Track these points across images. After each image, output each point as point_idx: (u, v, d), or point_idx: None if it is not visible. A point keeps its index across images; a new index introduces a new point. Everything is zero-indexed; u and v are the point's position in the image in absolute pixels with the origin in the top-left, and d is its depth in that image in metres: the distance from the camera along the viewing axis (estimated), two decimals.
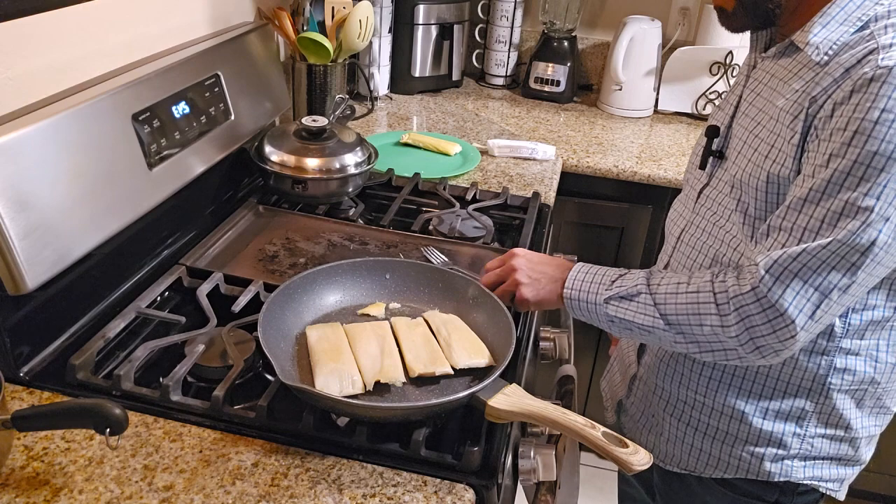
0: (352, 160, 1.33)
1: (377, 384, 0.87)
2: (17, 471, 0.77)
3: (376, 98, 2.07)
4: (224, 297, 1.07)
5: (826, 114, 0.82)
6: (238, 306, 1.03)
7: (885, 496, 2.11)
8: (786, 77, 0.91)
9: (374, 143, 1.48)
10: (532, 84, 2.18)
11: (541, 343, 1.20)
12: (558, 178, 1.68)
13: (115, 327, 0.97)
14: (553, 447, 0.94)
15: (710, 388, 1.01)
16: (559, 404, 0.85)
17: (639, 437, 1.15)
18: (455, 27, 2.12)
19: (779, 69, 0.93)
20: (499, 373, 0.86)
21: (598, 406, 1.70)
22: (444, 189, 1.47)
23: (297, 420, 0.84)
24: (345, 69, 1.66)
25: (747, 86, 0.98)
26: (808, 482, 1.01)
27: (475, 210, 1.39)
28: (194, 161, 1.18)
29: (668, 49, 2.12)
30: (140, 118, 1.05)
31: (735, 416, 1.00)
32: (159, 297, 1.07)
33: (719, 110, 1.06)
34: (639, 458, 0.76)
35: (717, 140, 1.01)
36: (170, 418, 0.85)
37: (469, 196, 1.45)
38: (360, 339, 0.93)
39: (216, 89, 1.25)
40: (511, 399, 0.83)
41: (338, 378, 0.86)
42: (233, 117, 1.30)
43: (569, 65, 2.14)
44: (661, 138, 1.95)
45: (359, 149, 1.36)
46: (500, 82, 2.30)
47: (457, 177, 1.58)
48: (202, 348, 0.94)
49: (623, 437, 0.77)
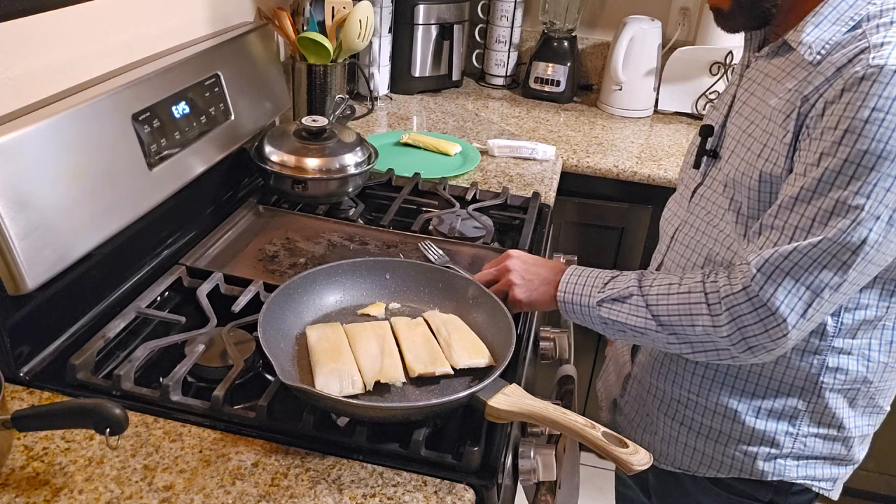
0: (352, 160, 1.33)
1: (377, 384, 0.87)
2: (17, 471, 0.77)
3: (376, 98, 2.07)
4: (224, 297, 1.07)
5: (817, 112, 0.82)
6: (238, 306, 1.03)
7: (884, 496, 2.11)
8: (779, 76, 0.91)
9: (374, 143, 1.48)
10: (532, 84, 2.18)
11: (541, 343, 1.20)
12: (558, 178, 1.68)
13: (115, 327, 0.97)
14: (553, 447, 0.94)
15: (704, 386, 1.01)
16: (559, 404, 0.85)
17: (633, 436, 1.15)
18: (455, 27, 2.12)
19: (772, 68, 0.93)
20: (499, 373, 0.86)
21: (598, 406, 1.70)
22: (444, 189, 1.47)
23: (297, 420, 0.84)
24: (345, 69, 1.66)
25: (741, 85, 0.99)
26: (802, 481, 1.01)
27: (475, 210, 1.39)
28: (194, 161, 1.18)
29: (668, 49, 2.12)
30: (140, 118, 1.05)
31: (728, 414, 1.00)
32: (159, 297, 1.07)
33: (714, 110, 1.06)
34: (639, 458, 0.76)
35: (710, 139, 1.02)
36: (170, 418, 0.85)
37: (469, 196, 1.45)
38: (360, 339, 0.93)
39: (216, 89, 1.25)
40: (511, 399, 0.83)
41: (338, 378, 0.86)
42: (233, 117, 1.30)
43: (569, 65, 2.14)
44: (661, 138, 1.96)
45: (359, 149, 1.36)
46: (500, 82, 2.30)
47: (457, 177, 1.58)
48: (202, 348, 0.94)
49: (623, 438, 0.77)
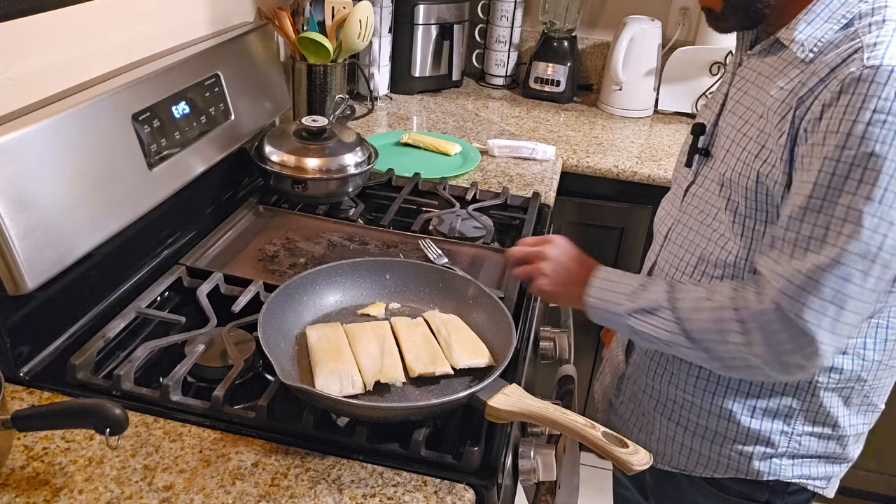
0: (352, 160, 1.33)
1: (377, 384, 0.87)
2: (17, 471, 0.77)
3: (376, 98, 2.07)
4: (224, 297, 1.07)
5: (814, 116, 0.81)
6: (238, 306, 1.03)
7: (883, 496, 2.11)
8: (772, 75, 0.91)
9: (374, 143, 1.48)
10: (532, 84, 2.18)
11: (541, 343, 1.20)
12: (558, 178, 1.68)
13: (115, 327, 0.97)
14: (553, 447, 0.94)
15: (699, 386, 1.01)
16: (559, 404, 0.85)
17: (629, 436, 1.14)
18: (455, 27, 2.12)
19: (765, 67, 0.93)
20: (499, 373, 0.86)
21: (595, 407, 1.69)
22: (444, 189, 1.47)
23: (297, 420, 0.84)
24: (345, 69, 1.66)
25: (734, 84, 0.99)
26: (797, 481, 1.01)
27: (475, 210, 1.39)
28: (194, 161, 1.18)
29: (668, 49, 2.12)
30: (140, 118, 1.05)
31: (723, 414, 1.00)
32: (159, 297, 1.07)
33: (706, 108, 1.07)
34: (639, 458, 0.76)
35: (702, 138, 1.02)
36: (170, 418, 0.85)
37: (469, 196, 1.45)
38: (360, 339, 0.93)
39: (216, 89, 1.25)
40: (511, 399, 0.83)
41: (338, 378, 0.86)
42: (233, 117, 1.30)
43: (569, 65, 2.14)
44: (661, 138, 1.95)
45: (359, 149, 1.36)
46: (500, 82, 2.30)
47: (457, 177, 1.58)
48: (202, 348, 0.94)
49: (623, 438, 0.77)
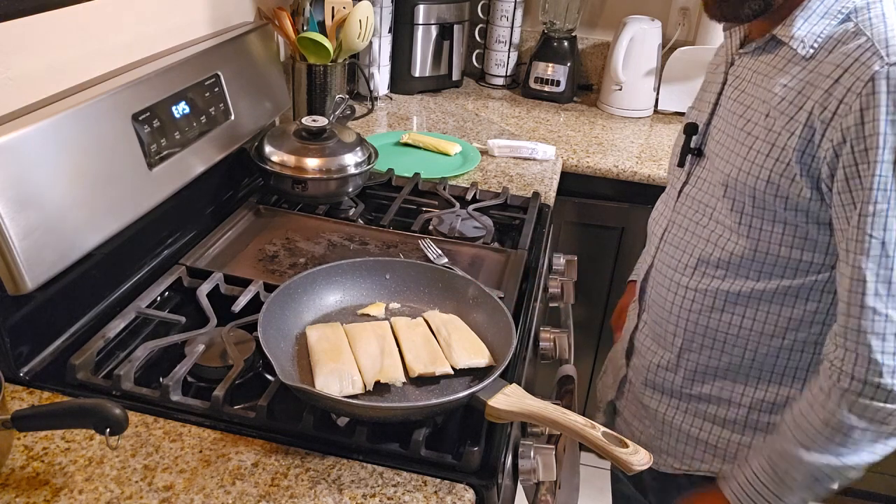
0: (352, 160, 1.33)
1: (377, 384, 0.87)
2: (17, 471, 0.77)
3: (376, 98, 2.07)
4: (224, 297, 1.07)
5: (854, 122, 0.80)
6: (238, 306, 1.03)
7: (884, 496, 2.11)
8: (770, 73, 0.91)
9: (374, 143, 1.48)
10: (532, 84, 2.18)
11: (541, 343, 1.20)
12: (558, 178, 1.68)
13: (115, 327, 0.97)
14: (553, 447, 0.94)
15: (697, 382, 1.02)
16: (559, 404, 0.85)
17: (631, 438, 1.15)
18: (455, 27, 2.12)
19: (761, 65, 0.93)
20: (499, 373, 0.86)
21: (598, 406, 1.68)
22: (444, 189, 1.47)
23: (297, 420, 0.84)
24: (345, 69, 1.66)
25: (729, 83, 0.99)
26: None
27: (475, 210, 1.39)
28: (194, 161, 1.18)
29: (668, 49, 2.12)
30: (140, 118, 1.05)
31: (728, 410, 1.01)
32: (159, 297, 1.07)
33: (693, 109, 1.07)
34: (639, 458, 0.76)
35: (695, 137, 1.02)
36: (170, 418, 0.85)
37: (469, 196, 1.45)
38: (360, 339, 0.93)
39: (216, 89, 1.25)
40: (511, 399, 0.83)
41: (338, 378, 0.86)
42: (233, 117, 1.30)
43: (569, 65, 2.14)
44: (661, 138, 1.95)
45: (359, 149, 1.36)
46: (500, 82, 2.30)
47: (457, 177, 1.58)
48: (202, 348, 0.94)
49: (623, 438, 0.77)
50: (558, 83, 2.15)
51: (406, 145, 1.73)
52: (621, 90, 2.08)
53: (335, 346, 0.90)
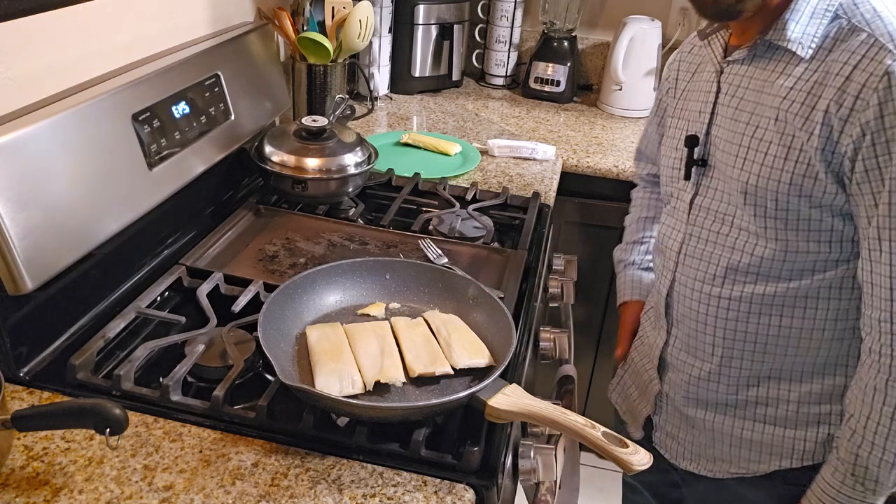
0: (352, 160, 1.33)
1: (377, 384, 0.87)
2: (17, 471, 0.77)
3: (376, 98, 2.07)
4: (224, 297, 1.07)
5: (873, 116, 0.82)
6: (238, 306, 1.03)
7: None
8: (771, 77, 0.92)
9: (374, 143, 1.48)
10: (532, 84, 2.18)
11: (541, 343, 1.20)
12: (558, 178, 1.68)
13: (115, 327, 0.97)
14: (553, 447, 0.94)
15: (749, 384, 1.02)
16: (559, 404, 0.85)
17: (680, 453, 1.15)
18: (455, 27, 2.12)
19: (757, 71, 0.94)
20: (499, 373, 0.86)
21: (598, 406, 1.69)
22: (444, 189, 1.47)
23: (297, 420, 0.84)
24: (345, 69, 1.66)
25: (723, 92, 0.99)
26: None
27: (475, 210, 1.39)
28: (194, 161, 1.18)
29: (668, 49, 2.12)
30: (140, 118, 1.05)
31: (779, 407, 1.01)
32: (159, 297, 1.07)
33: (680, 119, 1.06)
34: (639, 458, 0.76)
35: (697, 149, 1.02)
36: (170, 418, 0.85)
37: (469, 196, 1.45)
38: (360, 339, 0.93)
39: (216, 89, 1.25)
40: (511, 399, 0.83)
41: (338, 378, 0.86)
42: (233, 117, 1.30)
43: (569, 65, 2.14)
44: None
45: (359, 149, 1.36)
46: (500, 82, 2.30)
47: (457, 177, 1.58)
48: (202, 348, 0.94)
49: (623, 438, 0.77)
50: (558, 83, 2.15)
51: (406, 145, 1.73)
52: (621, 90, 2.08)
53: (335, 346, 0.90)
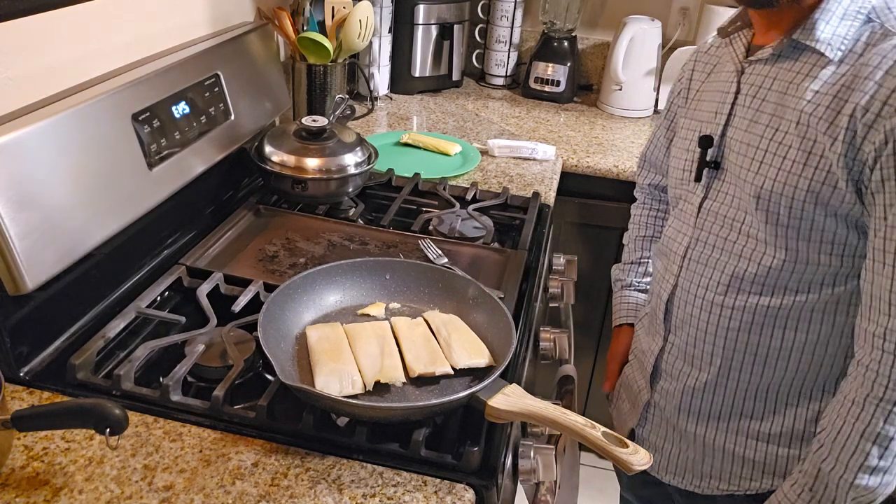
0: (352, 160, 1.33)
1: (377, 384, 0.87)
2: (17, 471, 0.77)
3: (376, 98, 2.07)
4: (224, 297, 1.07)
5: (891, 125, 0.79)
6: (238, 306, 1.03)
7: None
8: (796, 79, 0.88)
9: (374, 143, 1.48)
10: (532, 84, 2.18)
11: (541, 343, 1.20)
12: (558, 178, 1.68)
13: (115, 327, 0.97)
14: (553, 447, 0.94)
15: (739, 399, 1.00)
16: (559, 404, 0.85)
17: (663, 467, 1.12)
18: (455, 27, 2.12)
19: (782, 72, 0.90)
20: (499, 373, 0.86)
21: (598, 406, 1.69)
22: (444, 189, 1.47)
23: (297, 420, 0.84)
24: (345, 69, 1.66)
25: (742, 93, 0.95)
26: None
27: (475, 210, 1.39)
28: (194, 161, 1.18)
29: (668, 49, 2.12)
30: (140, 118, 1.05)
31: (774, 423, 0.98)
32: (159, 297, 1.07)
33: (693, 120, 1.03)
34: (639, 458, 0.76)
35: (710, 150, 0.98)
36: (170, 418, 0.85)
37: (469, 196, 1.45)
38: (360, 339, 0.93)
39: (216, 89, 1.25)
40: (511, 399, 0.83)
41: (338, 378, 0.86)
42: (233, 117, 1.30)
43: (569, 65, 2.14)
44: None
45: (359, 149, 1.36)
46: (500, 82, 2.30)
47: (457, 177, 1.58)
48: (202, 348, 0.94)
49: (623, 438, 0.77)
50: (558, 83, 2.15)
51: (406, 145, 1.73)
52: (621, 90, 2.08)
53: (335, 346, 0.90)
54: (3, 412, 0.73)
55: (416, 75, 2.14)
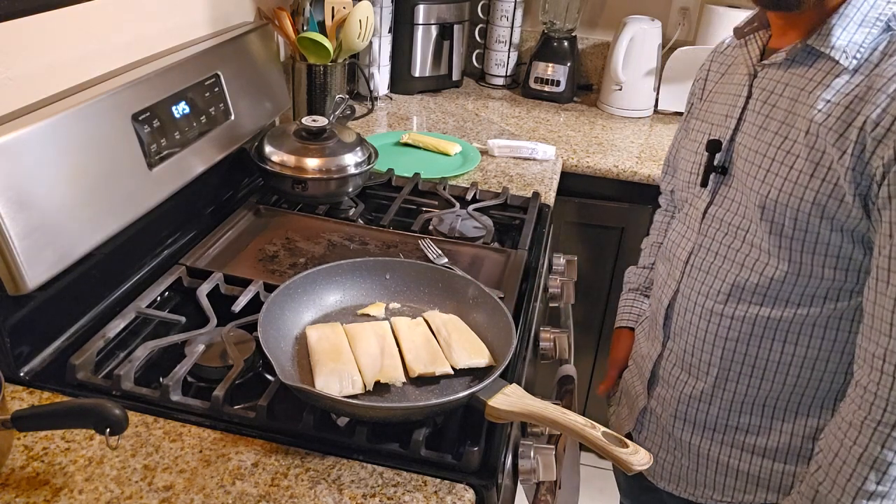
0: (352, 160, 1.33)
1: (377, 384, 0.87)
2: (17, 471, 0.77)
3: (376, 98, 2.07)
4: (224, 297, 1.07)
5: None
6: (238, 306, 1.03)
7: None
8: (808, 87, 0.86)
9: (374, 143, 1.48)
10: (532, 84, 2.18)
11: (541, 343, 1.20)
12: (558, 178, 1.68)
13: (115, 327, 0.97)
14: (553, 447, 0.94)
15: (735, 411, 0.99)
16: (559, 404, 0.85)
17: (659, 473, 1.11)
18: (455, 27, 2.12)
19: (795, 78, 0.88)
20: (499, 373, 0.86)
21: (598, 406, 1.69)
22: (444, 189, 1.47)
23: (297, 420, 0.84)
24: (345, 69, 1.66)
25: (754, 97, 0.93)
26: None
27: (475, 210, 1.39)
28: (194, 161, 1.18)
29: (668, 49, 2.12)
30: (140, 118, 1.05)
31: (771, 438, 0.97)
32: (159, 297, 1.07)
33: (704, 122, 1.02)
34: (639, 457, 0.76)
35: (718, 155, 0.96)
36: (170, 418, 0.85)
37: (469, 196, 1.45)
38: (360, 339, 0.93)
39: (216, 89, 1.25)
40: (511, 399, 0.83)
41: (338, 378, 0.86)
42: (233, 117, 1.30)
43: (569, 65, 2.14)
44: (661, 138, 1.95)
45: (359, 149, 1.36)
46: (500, 82, 2.30)
47: (457, 177, 1.58)
48: (202, 348, 0.94)
49: (623, 438, 0.77)
50: (558, 83, 2.15)
51: (406, 145, 1.73)
52: (621, 90, 2.08)
53: (335, 346, 0.90)
54: (3, 412, 0.73)
55: (416, 75, 2.14)
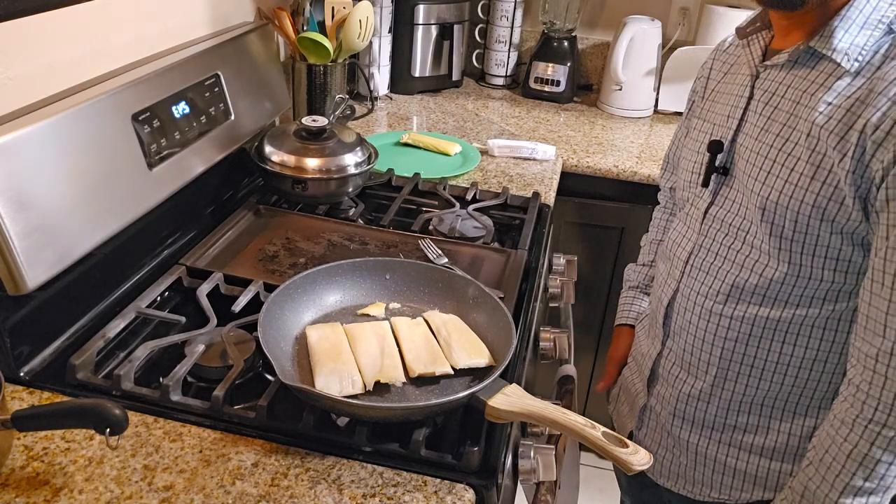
0: (352, 160, 1.33)
1: (377, 384, 0.87)
2: (17, 471, 0.77)
3: (376, 98, 2.07)
4: (224, 297, 1.07)
5: None
6: (238, 306, 1.03)
7: None
8: (810, 89, 0.85)
9: (374, 143, 1.48)
10: (532, 84, 2.18)
11: (541, 343, 1.20)
12: (558, 178, 1.68)
13: (115, 327, 0.97)
14: (553, 447, 0.94)
15: (733, 410, 0.99)
16: (559, 404, 0.85)
17: (658, 471, 1.12)
18: (455, 27, 2.12)
19: (797, 80, 0.88)
20: (499, 373, 0.86)
21: (598, 406, 1.69)
22: (444, 189, 1.47)
23: (297, 420, 0.84)
24: (345, 69, 1.66)
25: (755, 98, 0.93)
26: None
27: (475, 210, 1.39)
28: (194, 161, 1.18)
29: (668, 49, 2.12)
30: (140, 118, 1.05)
31: (769, 437, 0.97)
32: (159, 297, 1.07)
33: (706, 122, 1.02)
34: (639, 458, 0.76)
35: (720, 156, 0.96)
36: (170, 418, 0.85)
37: (469, 196, 1.45)
38: (360, 339, 0.93)
39: (216, 89, 1.25)
40: (511, 399, 0.83)
41: (338, 378, 0.86)
42: (233, 117, 1.30)
43: (569, 65, 2.14)
44: (661, 138, 1.95)
45: (359, 149, 1.36)
46: (500, 82, 2.30)
47: (457, 177, 1.58)
48: (202, 348, 0.94)
49: (623, 438, 0.77)
50: (558, 83, 2.15)
51: (406, 145, 1.73)
52: (621, 90, 2.08)
53: (335, 346, 0.90)
54: (3, 412, 0.73)
55: (416, 75, 2.14)
